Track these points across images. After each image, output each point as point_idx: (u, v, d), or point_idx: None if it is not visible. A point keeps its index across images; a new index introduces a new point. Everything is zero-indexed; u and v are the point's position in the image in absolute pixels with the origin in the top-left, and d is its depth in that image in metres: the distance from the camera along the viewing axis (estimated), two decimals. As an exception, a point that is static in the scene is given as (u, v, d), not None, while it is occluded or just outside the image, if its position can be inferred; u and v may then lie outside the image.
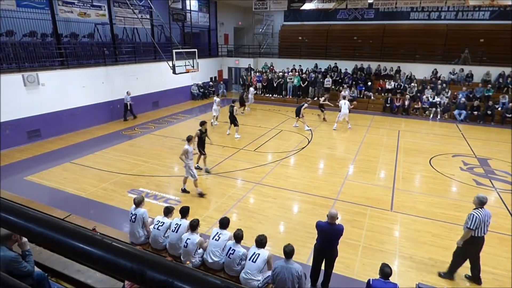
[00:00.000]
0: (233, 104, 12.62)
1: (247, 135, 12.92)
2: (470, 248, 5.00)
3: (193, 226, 4.90)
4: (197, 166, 9.18)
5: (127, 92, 14.62)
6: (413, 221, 6.88)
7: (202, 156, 9.11)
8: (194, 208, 6.91)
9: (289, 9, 20.87)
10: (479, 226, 4.77)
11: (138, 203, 5.38)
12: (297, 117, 13.82)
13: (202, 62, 18.39)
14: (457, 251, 5.16)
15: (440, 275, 5.29)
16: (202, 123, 8.90)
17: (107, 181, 8.59)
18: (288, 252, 4.18)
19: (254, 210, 7.31)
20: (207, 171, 9.16)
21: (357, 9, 22.22)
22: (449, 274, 5.24)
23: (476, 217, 4.74)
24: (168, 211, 5.36)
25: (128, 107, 14.70)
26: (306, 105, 13.84)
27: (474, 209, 4.91)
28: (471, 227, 4.76)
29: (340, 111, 13.86)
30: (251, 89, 17.86)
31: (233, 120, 12.30)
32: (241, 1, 23.23)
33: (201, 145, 8.91)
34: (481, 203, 4.87)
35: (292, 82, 19.69)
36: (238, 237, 4.69)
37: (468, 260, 5.15)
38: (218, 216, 6.44)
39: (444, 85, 17.34)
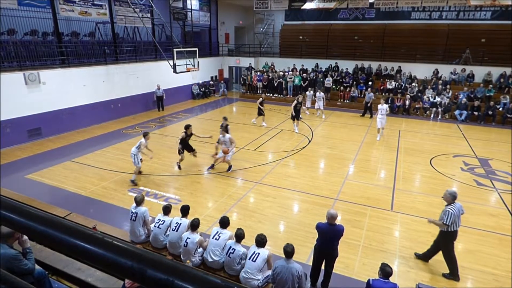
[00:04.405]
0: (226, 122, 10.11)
1: (247, 134, 12.92)
2: (450, 242, 5.21)
3: (194, 225, 4.91)
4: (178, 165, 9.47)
5: (157, 86, 16.03)
6: (413, 221, 6.88)
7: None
8: (194, 207, 6.92)
9: (290, 8, 20.88)
10: (454, 221, 5.01)
11: (140, 201, 5.39)
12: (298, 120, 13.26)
13: (203, 61, 18.39)
14: (444, 251, 5.32)
15: (444, 276, 5.30)
16: (187, 127, 9.18)
17: (108, 180, 8.60)
18: (289, 251, 4.18)
19: (254, 209, 7.31)
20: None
21: (358, 9, 22.19)
22: (453, 276, 5.25)
23: (451, 213, 4.99)
24: (167, 209, 5.37)
25: (160, 99, 16.43)
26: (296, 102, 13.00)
27: (447, 205, 5.12)
28: (447, 223, 5.00)
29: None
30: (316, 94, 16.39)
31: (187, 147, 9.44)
32: (242, 1, 23.22)
33: (187, 146, 9.33)
34: (454, 198, 5.10)
35: (293, 81, 19.68)
36: (239, 236, 4.69)
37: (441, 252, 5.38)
38: (218, 215, 6.45)
39: (445, 85, 17.31)
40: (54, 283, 4.05)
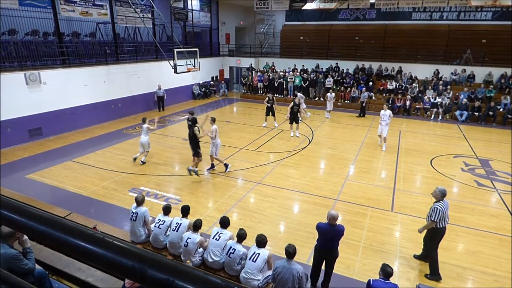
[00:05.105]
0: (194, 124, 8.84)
1: (248, 134, 12.92)
2: (436, 239, 5.26)
3: (197, 226, 4.91)
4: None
5: (158, 86, 16.04)
6: (413, 222, 6.86)
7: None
8: (195, 207, 6.92)
9: (291, 8, 20.85)
10: (442, 218, 5.06)
11: (141, 201, 5.39)
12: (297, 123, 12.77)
13: (204, 62, 18.41)
14: (428, 247, 5.37)
15: (426, 277, 5.27)
16: (195, 121, 8.76)
17: (108, 180, 8.61)
18: (291, 252, 4.16)
19: (255, 209, 7.31)
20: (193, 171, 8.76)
21: (358, 9, 22.18)
22: (435, 275, 5.23)
23: (440, 209, 5.03)
24: (167, 210, 5.37)
25: (161, 99, 16.46)
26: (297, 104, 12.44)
27: (436, 202, 5.16)
28: (435, 220, 5.05)
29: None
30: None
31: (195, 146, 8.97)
32: (242, 1, 23.22)
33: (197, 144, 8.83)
34: (443, 195, 5.14)
35: (293, 82, 19.69)
36: (241, 236, 4.68)
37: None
38: (218, 215, 6.45)
39: (445, 85, 17.30)
40: (55, 283, 4.05)
